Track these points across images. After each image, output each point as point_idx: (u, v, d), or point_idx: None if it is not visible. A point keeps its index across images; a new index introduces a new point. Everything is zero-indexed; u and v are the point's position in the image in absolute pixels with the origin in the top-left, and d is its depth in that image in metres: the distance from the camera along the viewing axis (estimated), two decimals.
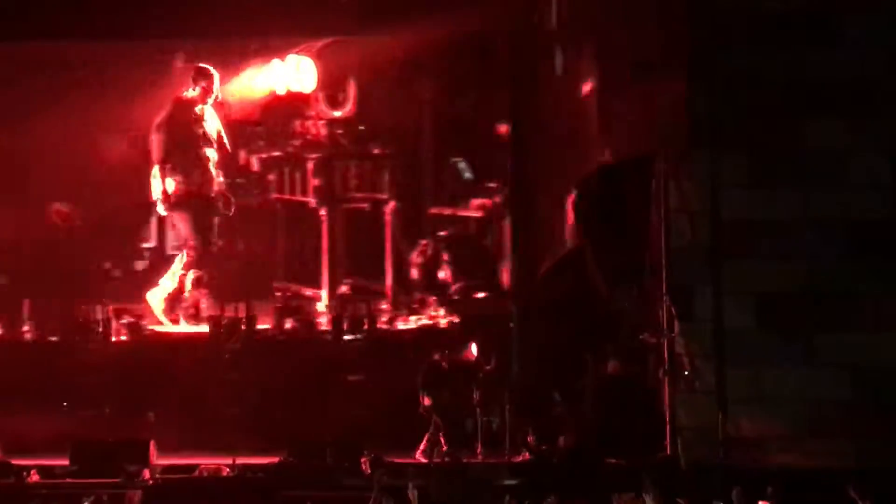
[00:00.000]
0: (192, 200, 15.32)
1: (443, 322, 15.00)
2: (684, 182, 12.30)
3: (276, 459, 12.51)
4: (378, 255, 15.87)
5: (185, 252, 15.33)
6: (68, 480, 12.24)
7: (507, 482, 12.02)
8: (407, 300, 15.60)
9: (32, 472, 12.34)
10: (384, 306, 15.57)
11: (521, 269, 14.79)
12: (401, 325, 15.20)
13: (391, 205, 15.90)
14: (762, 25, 12.18)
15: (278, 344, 14.64)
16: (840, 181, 12.14)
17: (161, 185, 15.30)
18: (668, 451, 12.39)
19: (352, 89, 15.73)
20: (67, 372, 14.35)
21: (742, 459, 12.02)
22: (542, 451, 12.95)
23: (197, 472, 12.45)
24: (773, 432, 12.05)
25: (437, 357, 13.46)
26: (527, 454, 12.99)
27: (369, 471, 12.24)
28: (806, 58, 12.17)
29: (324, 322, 15.16)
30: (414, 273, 15.67)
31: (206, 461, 12.57)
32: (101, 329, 14.70)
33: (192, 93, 15.24)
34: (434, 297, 15.31)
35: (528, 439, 13.07)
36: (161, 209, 15.40)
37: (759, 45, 12.19)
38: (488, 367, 13.48)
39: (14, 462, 12.56)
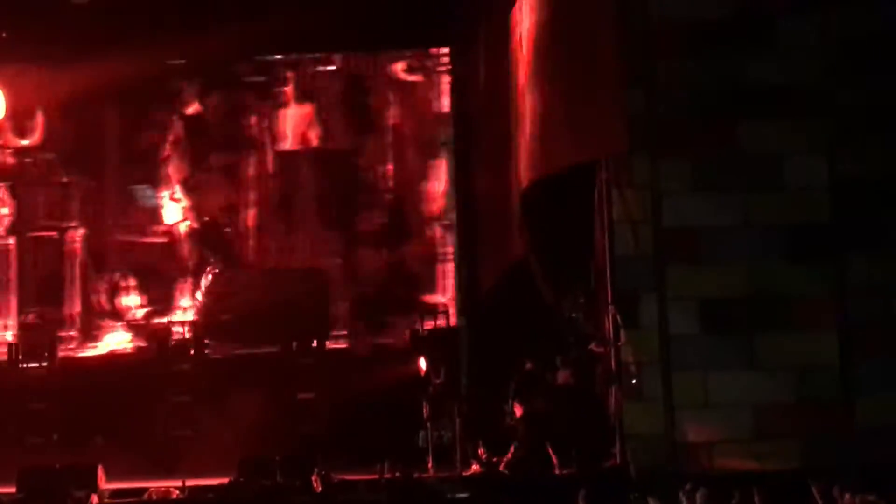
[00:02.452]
0: None
1: (129, 347, 15.26)
2: (626, 189, 12.36)
3: (225, 480, 12.48)
4: (66, 282, 15.99)
5: None
6: None
7: (459, 495, 12.00)
8: (93, 326, 15.75)
9: None
10: (72, 333, 15.70)
11: (467, 281, 14.86)
12: (88, 352, 15.41)
13: (80, 232, 16.00)
14: (697, 31, 12.25)
15: None
16: (777, 185, 12.21)
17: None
18: (618, 459, 12.41)
19: (39, 118, 15.87)
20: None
21: (691, 465, 12.06)
22: (493, 463, 12.98)
23: (146, 496, 12.40)
24: (720, 436, 12.09)
25: (530, 365, 13.23)
26: (477, 466, 13.01)
27: (320, 488, 12.23)
28: (741, 63, 12.23)
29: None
30: (101, 299, 15.81)
31: (156, 484, 12.52)
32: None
33: None
34: (120, 323, 15.54)
35: (479, 451, 13.09)
36: None
37: (696, 50, 12.25)
38: (438, 381, 13.51)
39: None
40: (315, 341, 14.97)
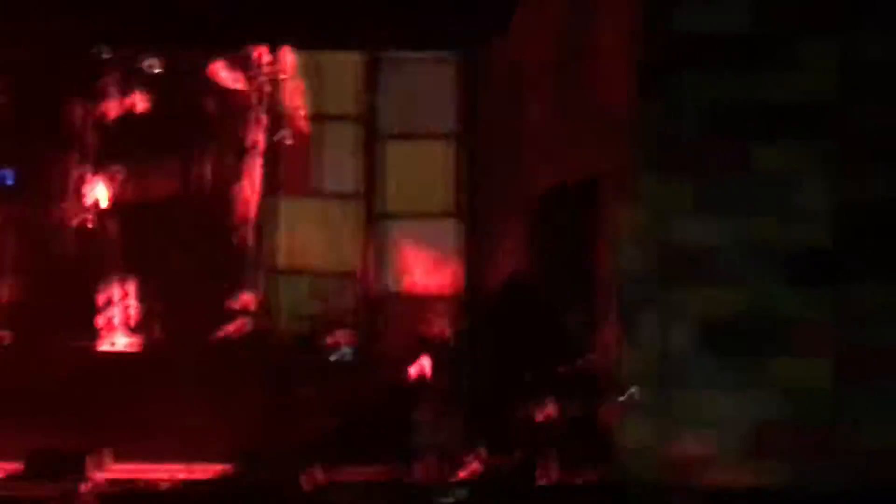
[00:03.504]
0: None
1: None
2: (630, 206, 12.40)
3: (222, 469, 12.64)
4: None
5: None
6: (18, 487, 12.37)
7: (458, 498, 12.11)
8: None
9: None
10: None
11: (471, 284, 14.98)
12: None
13: None
14: (711, 47, 12.20)
15: None
16: (783, 207, 12.22)
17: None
18: (612, 472, 12.49)
19: None
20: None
21: (684, 479, 12.14)
22: (493, 465, 13.07)
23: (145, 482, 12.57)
24: (713, 452, 12.16)
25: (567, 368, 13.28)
26: (478, 468, 13.10)
27: (314, 486, 12.35)
28: (755, 80, 12.18)
29: None
30: None
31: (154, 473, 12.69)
32: None
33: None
34: None
35: (480, 454, 13.18)
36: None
37: (708, 66, 12.19)
38: (439, 383, 13.61)
39: None
40: None
